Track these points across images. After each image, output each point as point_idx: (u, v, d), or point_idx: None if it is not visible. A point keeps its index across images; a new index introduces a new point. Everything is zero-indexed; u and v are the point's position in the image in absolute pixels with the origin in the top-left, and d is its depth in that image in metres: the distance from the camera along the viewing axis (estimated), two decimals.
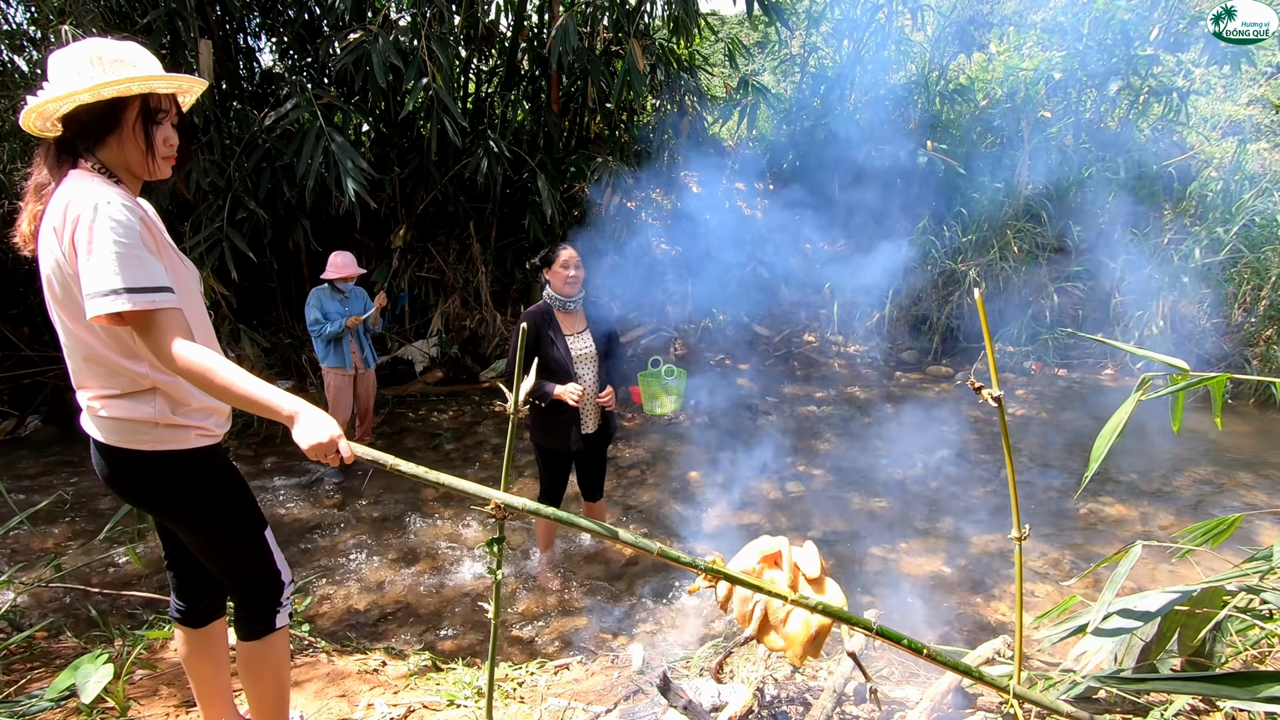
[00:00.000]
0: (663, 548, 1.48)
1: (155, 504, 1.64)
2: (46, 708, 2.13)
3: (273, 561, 1.77)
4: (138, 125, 1.50)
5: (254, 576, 1.75)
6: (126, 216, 1.42)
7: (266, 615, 1.76)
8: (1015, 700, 1.40)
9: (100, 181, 1.47)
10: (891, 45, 8.93)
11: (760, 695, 2.01)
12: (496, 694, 2.39)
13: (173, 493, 1.61)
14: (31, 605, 3.30)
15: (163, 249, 1.54)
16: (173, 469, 1.59)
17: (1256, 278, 6.84)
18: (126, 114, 1.49)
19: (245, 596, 1.76)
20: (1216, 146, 8.85)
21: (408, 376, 7.08)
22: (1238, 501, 4.48)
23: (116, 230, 1.39)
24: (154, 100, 1.52)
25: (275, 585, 1.77)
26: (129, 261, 1.39)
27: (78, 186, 1.44)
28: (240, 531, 1.70)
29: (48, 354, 6.38)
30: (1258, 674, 1.16)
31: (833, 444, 5.57)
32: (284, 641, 1.82)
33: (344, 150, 5.60)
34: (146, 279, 1.40)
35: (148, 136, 1.52)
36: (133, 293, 1.37)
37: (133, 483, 1.60)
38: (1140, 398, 1.62)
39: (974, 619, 3.35)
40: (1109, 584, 1.61)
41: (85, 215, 1.39)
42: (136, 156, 1.53)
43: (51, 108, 1.45)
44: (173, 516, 1.66)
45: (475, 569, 3.83)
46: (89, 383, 1.55)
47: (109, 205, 1.40)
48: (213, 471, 1.66)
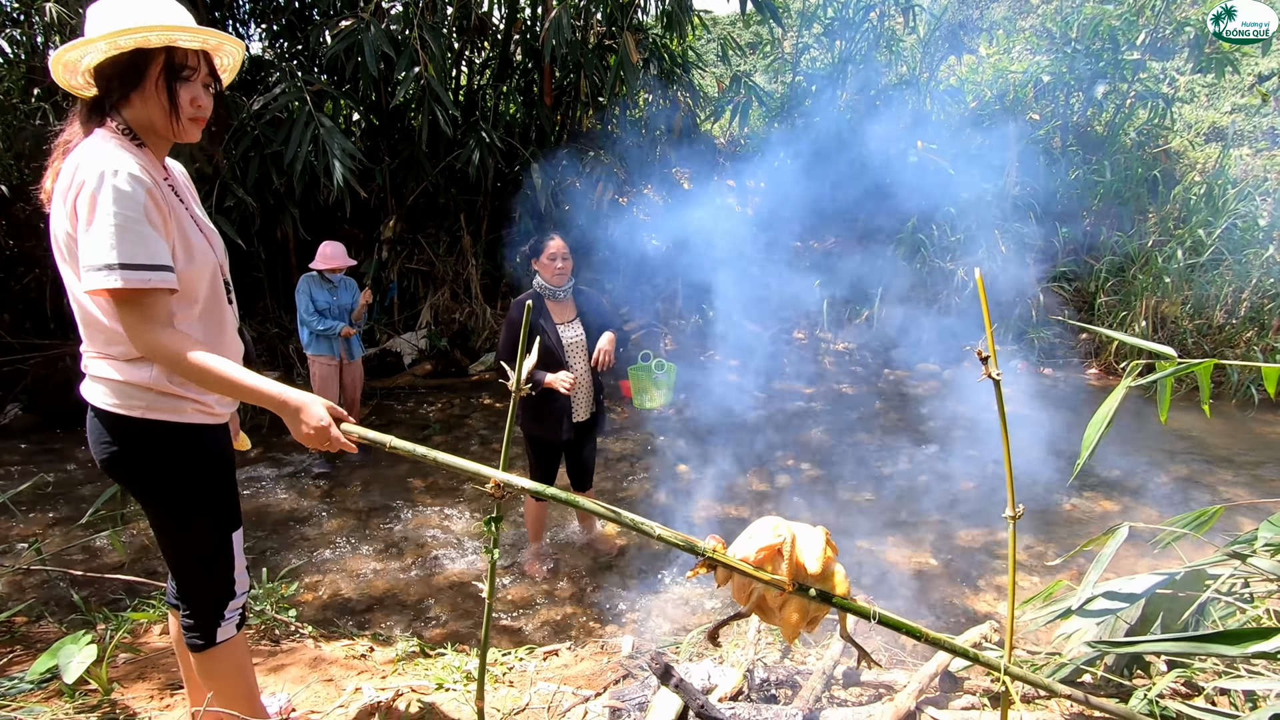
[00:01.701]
0: (663, 530, 1.47)
1: (134, 477, 1.56)
2: (28, 689, 2.10)
3: (231, 568, 1.65)
4: (160, 81, 1.44)
5: (205, 580, 1.63)
6: (132, 187, 1.37)
7: (206, 628, 1.64)
8: (1006, 678, 1.41)
9: (115, 146, 1.42)
10: (883, 46, 8.99)
11: (750, 677, 2.02)
12: (486, 679, 2.38)
13: (154, 467, 1.54)
14: (10, 591, 3.25)
15: (173, 220, 1.47)
16: (160, 440, 1.53)
17: (1238, 280, 6.94)
18: (150, 69, 1.43)
19: (189, 601, 1.64)
20: (1200, 151, 8.99)
21: (396, 369, 7.03)
22: (1218, 497, 4.55)
23: (120, 202, 1.35)
24: (180, 56, 1.45)
25: (224, 594, 1.65)
26: (127, 235, 1.35)
27: (91, 150, 1.40)
28: (209, 528, 1.61)
29: (28, 341, 6.29)
30: (1244, 631, 1.19)
31: (821, 439, 5.60)
32: (234, 651, 1.70)
33: (332, 134, 5.55)
34: (144, 255, 1.36)
35: (170, 93, 1.45)
36: (126, 269, 1.34)
37: (117, 451, 1.53)
38: (1130, 383, 1.64)
39: (960, 609, 3.38)
40: (1095, 564, 1.64)
41: (90, 183, 1.35)
42: (159, 116, 1.47)
43: (73, 56, 1.41)
44: (147, 493, 1.57)
45: (462, 559, 3.81)
46: (91, 344, 1.52)
47: (115, 175, 1.36)
48: (202, 453, 1.59)
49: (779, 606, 1.48)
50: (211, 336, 1.58)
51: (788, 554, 1.43)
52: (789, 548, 1.43)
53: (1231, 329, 6.85)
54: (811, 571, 1.42)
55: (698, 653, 2.47)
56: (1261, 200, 7.60)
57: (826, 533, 1.49)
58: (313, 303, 4.67)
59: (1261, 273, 6.88)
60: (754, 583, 1.49)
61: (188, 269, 1.50)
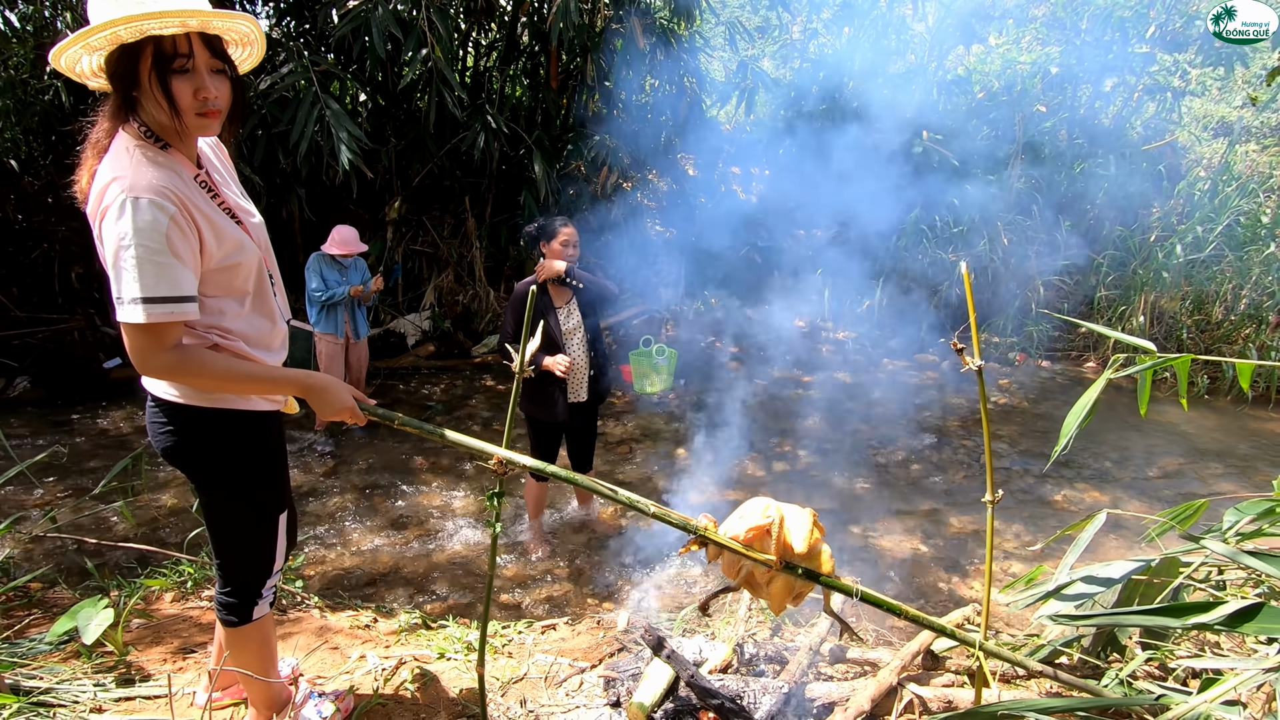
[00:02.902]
0: (658, 507, 1.54)
1: (198, 464, 1.58)
2: (47, 650, 2.18)
3: (274, 548, 1.69)
4: (153, 77, 1.31)
5: (248, 560, 1.68)
6: (153, 216, 1.30)
7: (244, 606, 1.69)
8: (981, 654, 1.48)
9: (140, 157, 1.35)
10: (892, 34, 8.94)
11: (740, 652, 2.10)
12: (486, 650, 2.47)
13: (219, 454, 1.57)
14: (22, 560, 3.34)
15: (205, 225, 1.41)
16: (226, 428, 1.55)
17: (1238, 277, 6.97)
18: (140, 66, 1.31)
19: (232, 580, 1.68)
20: (1207, 147, 8.96)
21: (399, 349, 7.10)
22: (1209, 490, 4.62)
23: (140, 234, 1.30)
24: (167, 45, 1.29)
25: (265, 573, 1.70)
26: (148, 269, 1.31)
27: (115, 167, 1.34)
28: (260, 510, 1.65)
29: (37, 315, 6.36)
30: (1187, 605, 1.28)
31: (819, 426, 5.67)
32: (265, 626, 1.76)
33: (340, 119, 5.58)
34: (165, 288, 1.33)
35: (165, 90, 1.31)
36: (149, 303, 1.32)
37: (182, 440, 1.54)
38: (1110, 376, 1.70)
39: (948, 594, 3.46)
40: (1072, 547, 1.71)
41: (112, 211, 1.31)
42: (163, 116, 1.35)
43: (67, 60, 1.32)
44: (209, 480, 1.60)
45: (463, 536, 3.90)
46: None
47: (135, 204, 1.29)
48: (266, 439, 1.63)
49: (766, 582, 1.55)
50: (264, 331, 1.58)
51: (776, 534, 1.50)
52: (777, 528, 1.50)
53: (1230, 325, 6.89)
54: (798, 551, 1.49)
55: (690, 629, 2.55)
56: (1265, 197, 7.60)
57: (814, 514, 1.56)
58: (323, 281, 4.74)
59: (1261, 270, 6.90)
60: (743, 566, 1.57)
61: (229, 265, 1.47)
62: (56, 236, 6.49)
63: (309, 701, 1.93)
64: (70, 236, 6.44)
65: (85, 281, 6.62)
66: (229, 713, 1.99)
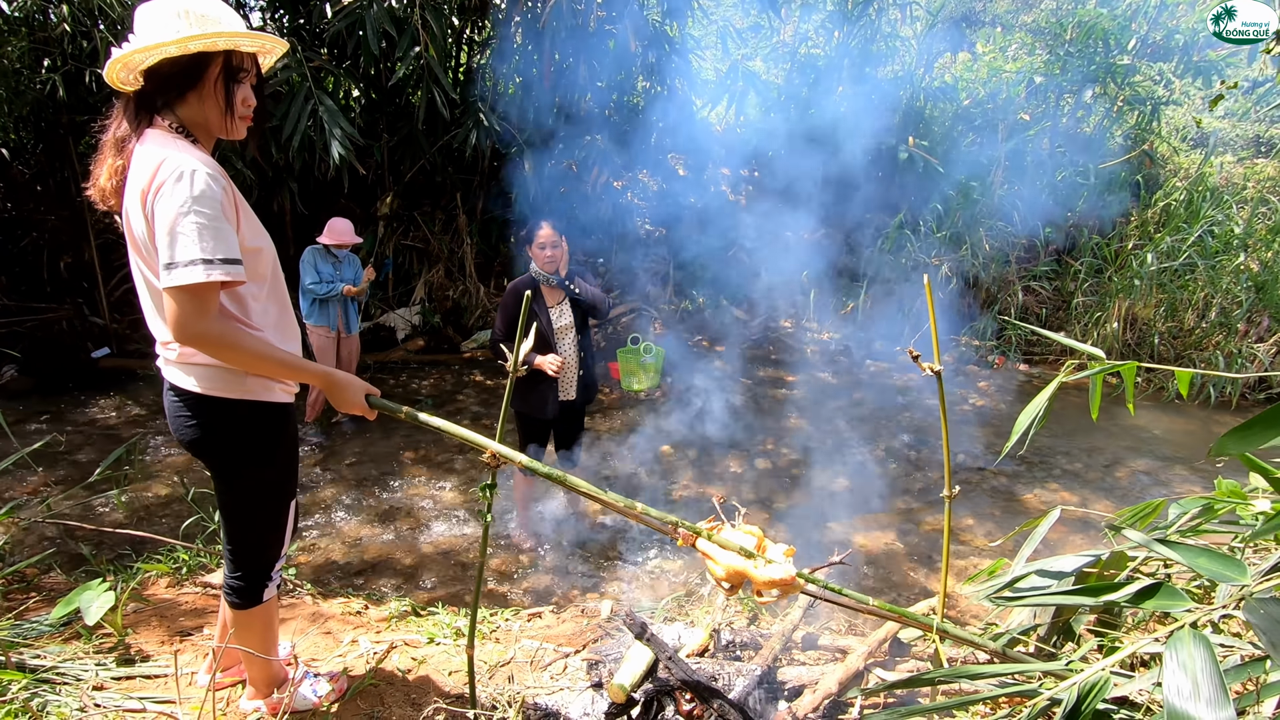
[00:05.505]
0: (645, 507, 1.64)
1: (220, 454, 1.66)
2: (48, 631, 2.26)
3: (284, 534, 1.80)
4: (219, 82, 1.51)
5: (262, 545, 1.78)
6: (210, 186, 1.43)
7: (254, 590, 1.79)
8: (938, 635, 1.60)
9: (183, 145, 1.48)
10: (880, 39, 9.08)
11: (717, 638, 2.21)
12: (475, 632, 2.57)
13: (241, 444, 1.65)
14: (15, 546, 3.39)
15: (243, 215, 1.55)
16: (248, 419, 1.64)
17: (1210, 285, 7.17)
18: (209, 70, 1.50)
19: (244, 565, 1.77)
20: (1185, 157, 9.18)
21: (389, 343, 7.16)
22: (1172, 491, 4.79)
23: (200, 200, 1.41)
24: (237, 58, 1.52)
25: (275, 557, 1.80)
26: (208, 232, 1.41)
27: (163, 151, 1.45)
28: (276, 497, 1.75)
29: (25, 304, 6.36)
30: (1100, 586, 1.41)
31: (801, 425, 5.80)
32: (271, 608, 1.85)
33: (334, 116, 5.62)
34: (224, 250, 1.43)
35: (228, 94, 1.53)
36: (212, 264, 1.40)
37: (205, 432, 1.62)
38: (1063, 379, 1.82)
39: (920, 587, 3.60)
40: (1027, 541, 1.83)
41: (169, 182, 1.41)
42: (215, 115, 1.54)
43: (138, 59, 1.45)
44: (229, 469, 1.68)
45: (452, 527, 3.99)
46: None
47: (194, 174, 1.42)
48: (284, 429, 1.72)
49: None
50: (280, 314, 1.68)
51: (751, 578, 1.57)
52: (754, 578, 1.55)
53: (1201, 333, 7.09)
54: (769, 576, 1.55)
55: (670, 616, 2.66)
56: (1238, 208, 7.82)
57: (791, 551, 1.61)
58: (317, 274, 4.79)
59: (1231, 279, 7.11)
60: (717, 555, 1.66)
61: (254, 249, 1.58)
62: (46, 225, 6.49)
63: (305, 680, 2.02)
64: (59, 225, 6.44)
65: (74, 271, 6.62)
66: (227, 692, 2.08)
